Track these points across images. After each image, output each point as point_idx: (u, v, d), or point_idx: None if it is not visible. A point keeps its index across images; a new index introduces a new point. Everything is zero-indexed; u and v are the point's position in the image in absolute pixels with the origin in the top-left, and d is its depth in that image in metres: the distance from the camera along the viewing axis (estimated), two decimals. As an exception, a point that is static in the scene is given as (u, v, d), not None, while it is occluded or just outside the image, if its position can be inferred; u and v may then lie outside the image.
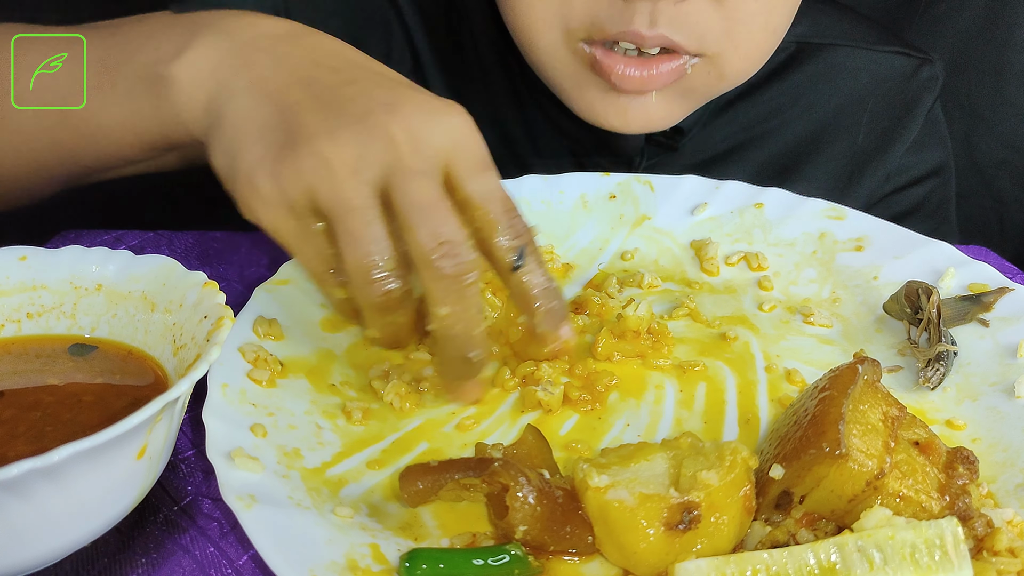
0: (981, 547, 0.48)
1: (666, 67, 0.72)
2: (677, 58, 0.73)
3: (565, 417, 0.60)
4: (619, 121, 0.76)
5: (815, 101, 0.95)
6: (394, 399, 0.60)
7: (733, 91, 0.87)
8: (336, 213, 0.52)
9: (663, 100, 0.76)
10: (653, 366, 0.65)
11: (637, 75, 0.72)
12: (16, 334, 0.56)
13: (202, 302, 0.53)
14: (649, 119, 0.77)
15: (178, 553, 0.51)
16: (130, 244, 0.78)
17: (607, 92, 0.75)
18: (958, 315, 0.66)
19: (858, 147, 0.97)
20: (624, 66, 0.72)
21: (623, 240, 0.78)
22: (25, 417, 0.50)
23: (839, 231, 0.76)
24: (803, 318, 0.70)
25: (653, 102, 0.75)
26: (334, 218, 0.52)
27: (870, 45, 0.96)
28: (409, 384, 0.61)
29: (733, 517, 0.47)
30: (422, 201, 0.52)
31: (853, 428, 0.49)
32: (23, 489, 0.41)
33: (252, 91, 0.55)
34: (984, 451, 0.56)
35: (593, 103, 0.77)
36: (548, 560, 0.49)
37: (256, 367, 0.59)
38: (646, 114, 0.76)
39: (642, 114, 0.76)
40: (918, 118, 0.97)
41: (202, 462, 0.57)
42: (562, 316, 0.57)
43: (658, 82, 0.73)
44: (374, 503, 0.53)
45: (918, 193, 0.99)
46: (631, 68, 0.72)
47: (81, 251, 0.57)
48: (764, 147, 0.95)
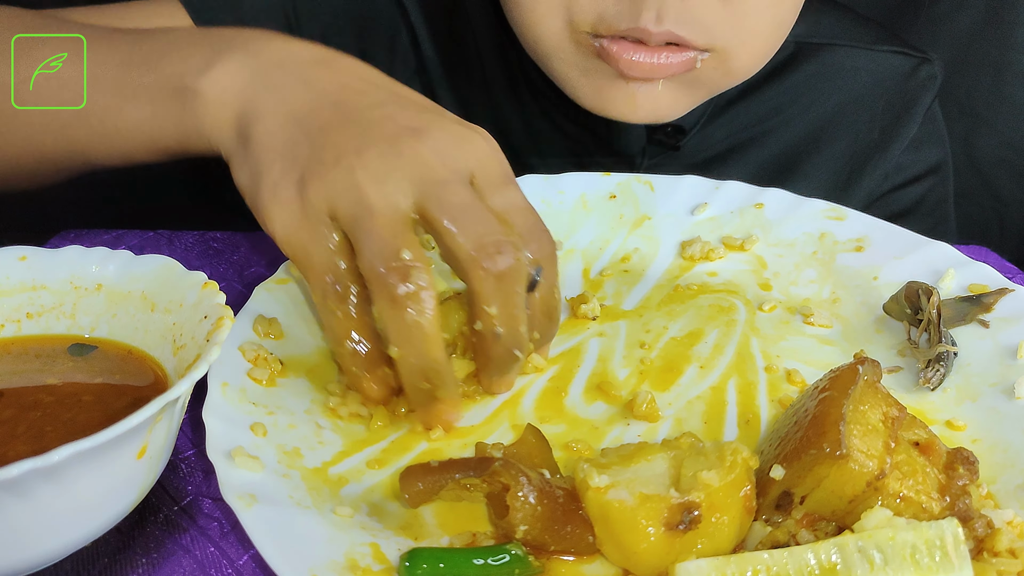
0: (981, 548, 0.49)
1: (675, 58, 0.73)
2: (686, 51, 0.73)
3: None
4: (627, 108, 0.76)
5: (814, 101, 0.95)
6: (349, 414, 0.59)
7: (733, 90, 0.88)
8: (358, 217, 0.52)
9: (670, 89, 0.76)
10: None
11: (646, 62, 0.72)
12: (16, 334, 0.56)
13: (202, 302, 0.53)
14: (657, 107, 0.77)
15: (178, 553, 0.51)
16: (130, 244, 0.78)
17: (615, 79, 0.75)
18: (958, 316, 0.66)
19: (857, 146, 0.97)
20: (633, 52, 0.72)
21: (623, 240, 0.78)
22: (25, 417, 0.50)
23: (839, 231, 0.76)
24: (803, 318, 0.70)
25: (660, 90, 0.75)
26: (355, 222, 0.52)
27: (869, 45, 0.97)
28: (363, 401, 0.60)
29: (733, 517, 0.47)
30: (461, 204, 0.53)
31: (853, 429, 0.49)
32: (23, 489, 0.41)
33: (280, 112, 0.57)
34: (984, 452, 0.56)
35: (601, 89, 0.77)
36: (548, 560, 0.49)
37: (256, 366, 0.59)
38: (654, 102, 0.76)
39: (650, 101, 0.76)
40: (917, 117, 0.97)
41: (202, 462, 0.57)
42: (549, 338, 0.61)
43: (666, 71, 0.73)
44: (374, 502, 0.53)
45: (916, 191, 0.99)
46: (640, 55, 0.72)
47: (81, 251, 0.57)
48: (764, 147, 0.95)
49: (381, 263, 0.52)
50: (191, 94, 0.59)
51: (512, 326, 0.55)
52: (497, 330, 0.55)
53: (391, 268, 0.52)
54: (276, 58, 0.60)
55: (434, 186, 0.53)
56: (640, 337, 0.68)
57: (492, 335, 0.55)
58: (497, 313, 0.54)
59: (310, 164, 0.54)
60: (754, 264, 0.76)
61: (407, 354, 0.53)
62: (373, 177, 0.53)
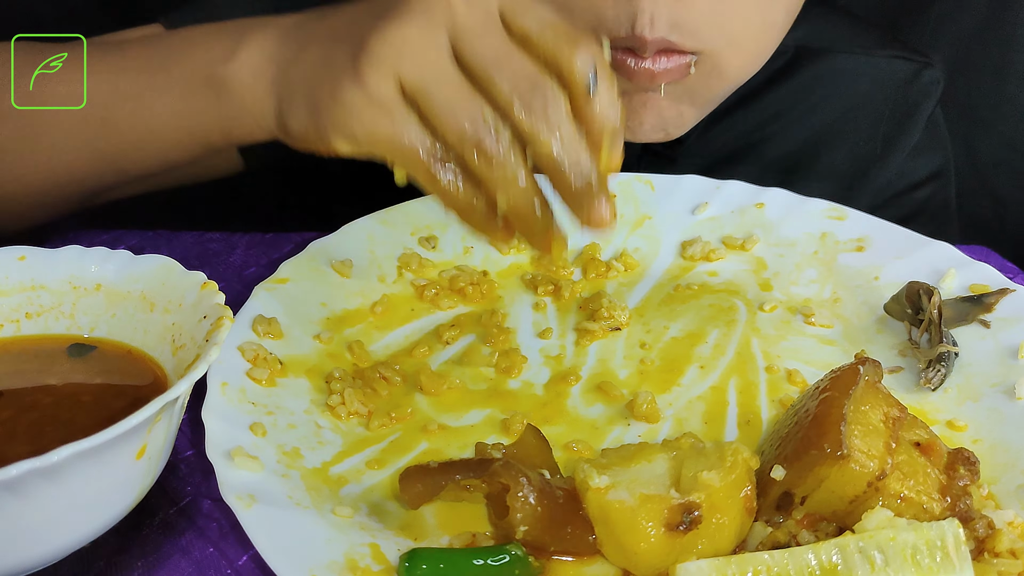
0: (982, 548, 0.48)
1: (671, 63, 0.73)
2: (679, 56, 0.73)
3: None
4: (632, 123, 0.76)
5: (814, 107, 0.95)
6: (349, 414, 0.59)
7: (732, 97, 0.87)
8: (425, 87, 0.52)
9: (672, 100, 0.76)
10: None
11: (648, 68, 0.72)
12: (15, 334, 0.56)
13: (201, 302, 0.53)
14: (663, 121, 0.77)
15: (177, 554, 0.51)
16: (129, 244, 0.78)
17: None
18: (959, 316, 0.66)
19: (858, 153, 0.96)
20: (633, 59, 0.72)
21: (624, 240, 0.78)
22: (24, 417, 0.50)
23: (840, 231, 0.76)
24: (804, 318, 0.70)
25: (662, 100, 0.75)
26: (426, 93, 0.52)
27: (870, 50, 0.96)
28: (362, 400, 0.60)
29: (734, 518, 0.47)
30: (496, 55, 0.52)
31: (854, 429, 0.49)
32: (22, 489, 0.41)
33: (309, 45, 0.57)
34: (985, 452, 0.56)
35: None
36: (549, 560, 0.49)
37: (255, 366, 0.59)
38: (659, 116, 0.76)
39: (655, 116, 0.76)
40: (919, 124, 0.97)
41: (202, 462, 0.56)
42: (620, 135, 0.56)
43: (665, 76, 0.73)
44: (374, 502, 0.53)
45: (919, 196, 0.99)
46: (640, 62, 0.72)
47: (80, 251, 0.57)
48: (763, 153, 0.95)
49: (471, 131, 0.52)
50: (224, 81, 0.60)
51: (574, 158, 0.53)
52: (559, 161, 0.53)
53: (480, 134, 0.51)
54: (293, 22, 0.60)
55: (468, 37, 0.53)
56: (640, 337, 0.68)
57: (557, 171, 0.54)
58: (558, 151, 0.53)
59: (357, 55, 0.53)
60: (755, 264, 0.75)
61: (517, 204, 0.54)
62: (417, 37, 0.52)
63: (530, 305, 0.71)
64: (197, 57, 0.62)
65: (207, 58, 0.61)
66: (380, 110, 0.52)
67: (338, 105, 0.53)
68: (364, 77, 0.52)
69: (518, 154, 0.53)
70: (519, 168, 0.53)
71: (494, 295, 0.72)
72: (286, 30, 0.60)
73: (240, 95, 0.60)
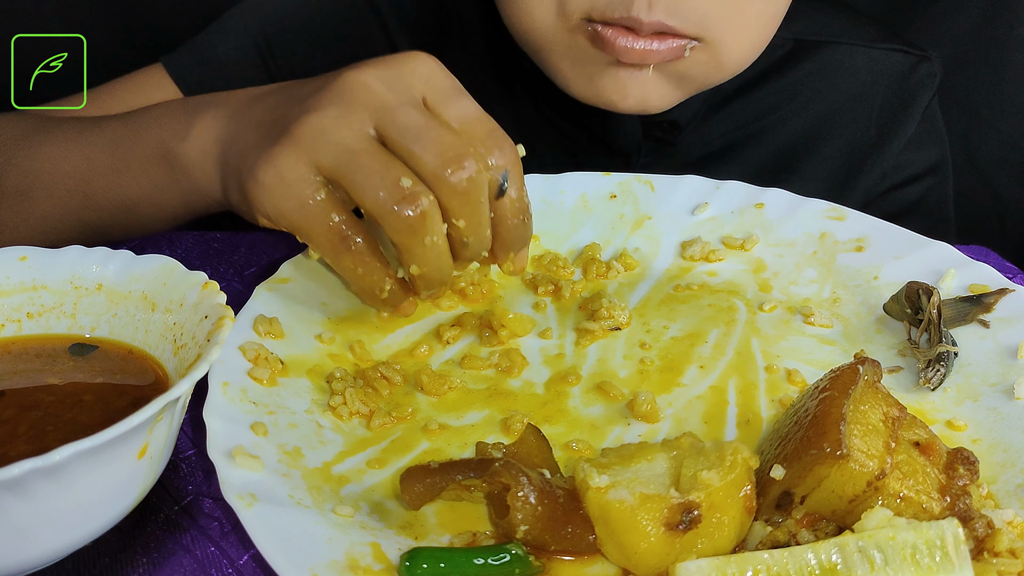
0: (982, 548, 0.48)
1: (665, 45, 0.73)
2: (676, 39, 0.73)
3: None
4: (617, 95, 0.77)
5: (812, 98, 0.95)
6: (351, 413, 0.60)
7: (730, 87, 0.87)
8: (342, 161, 0.55)
9: (660, 81, 0.76)
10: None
11: (639, 47, 0.72)
12: (16, 334, 0.56)
13: (203, 302, 0.53)
14: (646, 95, 0.77)
15: (179, 552, 0.51)
16: (130, 244, 0.78)
17: (607, 66, 0.76)
18: (958, 316, 0.66)
19: (855, 144, 0.97)
20: (625, 38, 0.72)
21: (624, 240, 0.78)
22: (26, 417, 0.50)
23: (839, 231, 0.76)
24: (803, 318, 0.70)
25: (650, 78, 0.76)
26: (342, 167, 0.55)
27: (868, 42, 0.96)
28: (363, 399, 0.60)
29: (734, 517, 0.47)
30: (416, 126, 0.55)
31: (854, 428, 0.49)
32: (24, 489, 0.41)
33: (247, 127, 0.61)
34: (984, 452, 0.57)
35: (592, 77, 0.77)
36: (549, 560, 0.49)
37: (257, 365, 0.59)
38: (643, 90, 0.76)
39: (639, 89, 0.76)
40: (916, 115, 0.97)
41: (203, 461, 0.57)
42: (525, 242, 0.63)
43: (656, 56, 0.73)
44: (375, 502, 0.53)
45: (916, 191, 0.99)
46: (631, 41, 0.72)
47: (81, 251, 0.57)
48: (761, 144, 0.95)
49: (388, 197, 0.54)
50: (178, 157, 0.64)
51: (480, 235, 0.59)
52: (465, 240, 0.58)
53: (399, 199, 0.54)
54: (244, 101, 0.64)
55: (387, 112, 0.56)
56: (640, 337, 0.68)
57: (461, 244, 0.58)
58: (464, 225, 0.57)
59: (278, 138, 0.56)
60: (754, 264, 0.76)
61: (429, 271, 0.58)
62: (335, 120, 0.56)
63: (530, 305, 0.71)
64: (157, 134, 0.66)
65: (164, 135, 0.65)
66: (288, 190, 0.56)
67: (256, 185, 0.57)
68: (277, 160, 0.56)
69: (436, 220, 0.56)
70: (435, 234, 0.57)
71: (494, 295, 0.72)
72: (235, 110, 0.63)
73: (192, 172, 0.64)
